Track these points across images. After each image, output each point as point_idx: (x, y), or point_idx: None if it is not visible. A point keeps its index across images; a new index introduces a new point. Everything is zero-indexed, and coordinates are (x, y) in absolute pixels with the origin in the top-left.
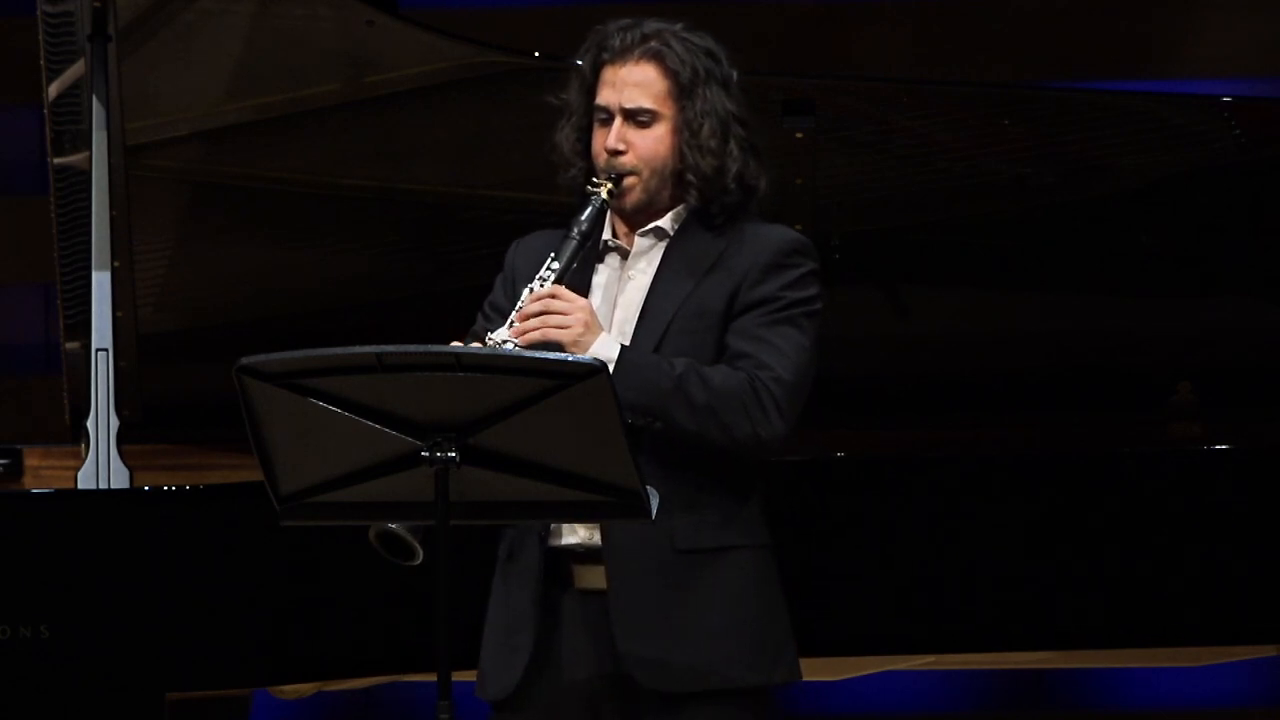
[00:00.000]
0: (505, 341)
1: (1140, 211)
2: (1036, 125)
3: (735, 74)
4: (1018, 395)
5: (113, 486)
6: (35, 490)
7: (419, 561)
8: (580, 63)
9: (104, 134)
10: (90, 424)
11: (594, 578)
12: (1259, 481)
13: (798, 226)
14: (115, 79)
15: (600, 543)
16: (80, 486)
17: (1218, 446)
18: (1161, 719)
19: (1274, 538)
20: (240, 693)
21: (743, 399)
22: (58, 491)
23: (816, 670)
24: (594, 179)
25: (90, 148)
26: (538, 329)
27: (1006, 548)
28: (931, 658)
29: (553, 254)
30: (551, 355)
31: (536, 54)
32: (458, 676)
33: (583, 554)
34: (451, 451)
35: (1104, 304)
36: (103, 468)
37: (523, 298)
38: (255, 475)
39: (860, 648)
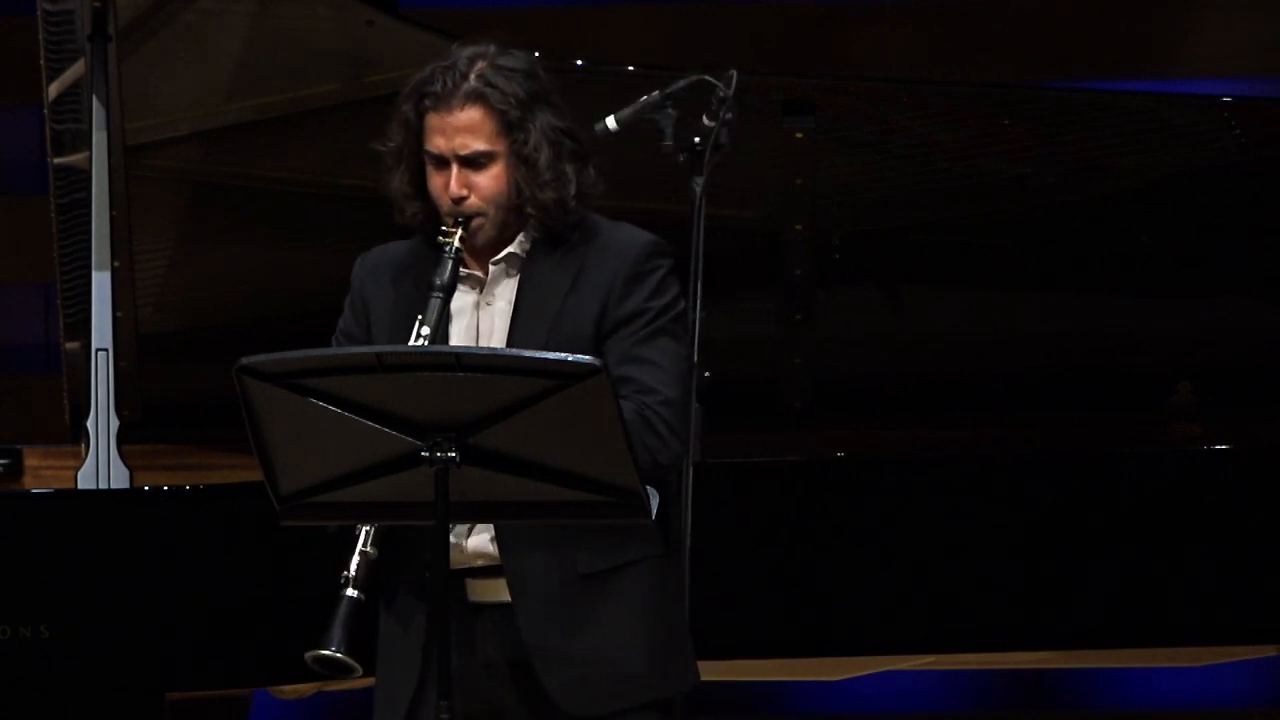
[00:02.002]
0: None
1: (1140, 211)
2: (1036, 125)
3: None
4: (1018, 395)
5: (113, 486)
6: (35, 490)
7: (359, 674)
8: (401, 108)
9: (104, 134)
10: (90, 424)
11: (494, 590)
12: (1259, 481)
13: (798, 226)
14: (115, 79)
15: (493, 555)
16: (80, 486)
17: (1218, 446)
18: (1161, 719)
19: (1274, 538)
20: (240, 693)
21: (637, 432)
22: (58, 491)
23: (816, 670)
24: (443, 229)
25: (90, 148)
26: None
27: (1007, 548)
28: (931, 658)
29: (419, 318)
30: (551, 355)
31: (536, 54)
32: None
33: (479, 570)
34: (451, 451)
35: (1104, 304)
36: (103, 468)
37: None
38: (255, 475)
39: (860, 648)
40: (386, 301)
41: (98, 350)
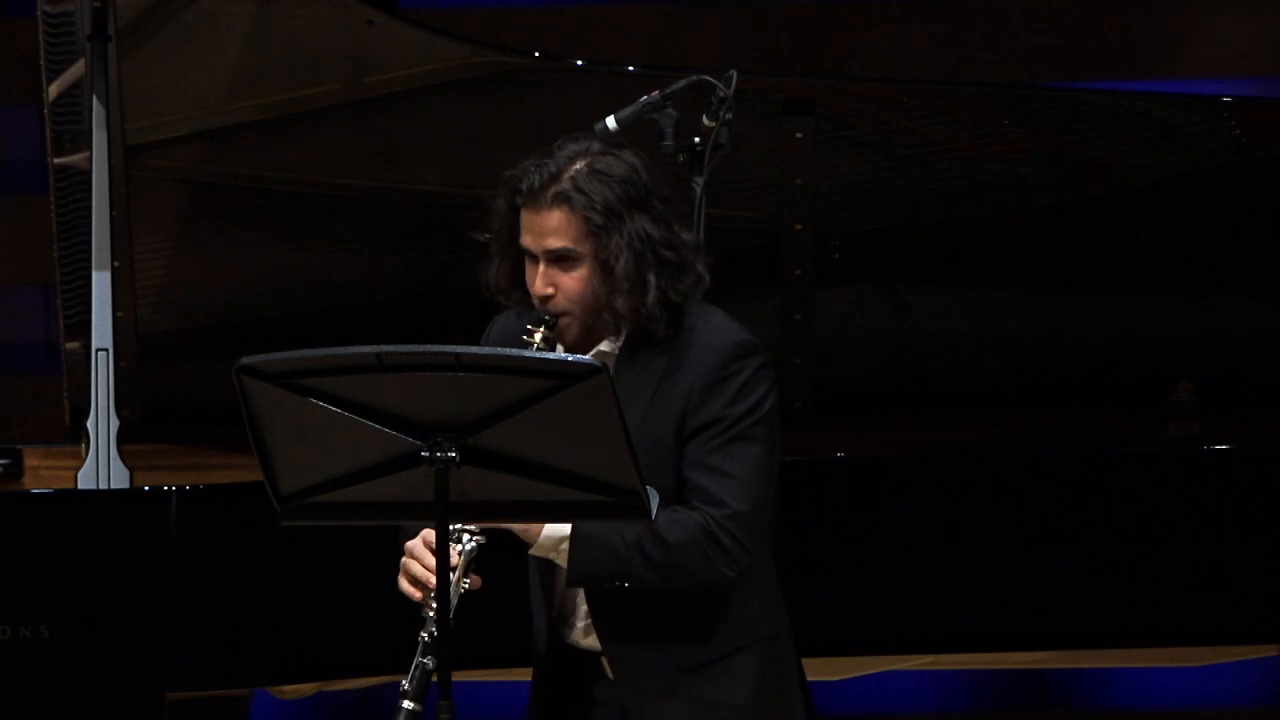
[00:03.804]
0: (462, 531)
1: (1140, 211)
2: (1036, 125)
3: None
4: (1018, 395)
5: (113, 486)
6: (35, 490)
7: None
8: (499, 201)
9: (104, 134)
10: (90, 424)
11: None
12: (1259, 481)
13: (797, 226)
14: (115, 79)
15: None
16: (80, 486)
17: (1218, 446)
18: (1161, 719)
19: (1274, 538)
20: (240, 693)
21: (702, 547)
22: (58, 491)
23: (816, 670)
24: (529, 326)
25: (90, 148)
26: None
27: (1006, 548)
28: (931, 658)
29: None
30: (552, 355)
31: (536, 54)
32: (458, 676)
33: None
34: (451, 451)
35: (1104, 304)
36: (103, 468)
37: None
38: (255, 475)
39: (860, 648)
40: None
41: (98, 350)
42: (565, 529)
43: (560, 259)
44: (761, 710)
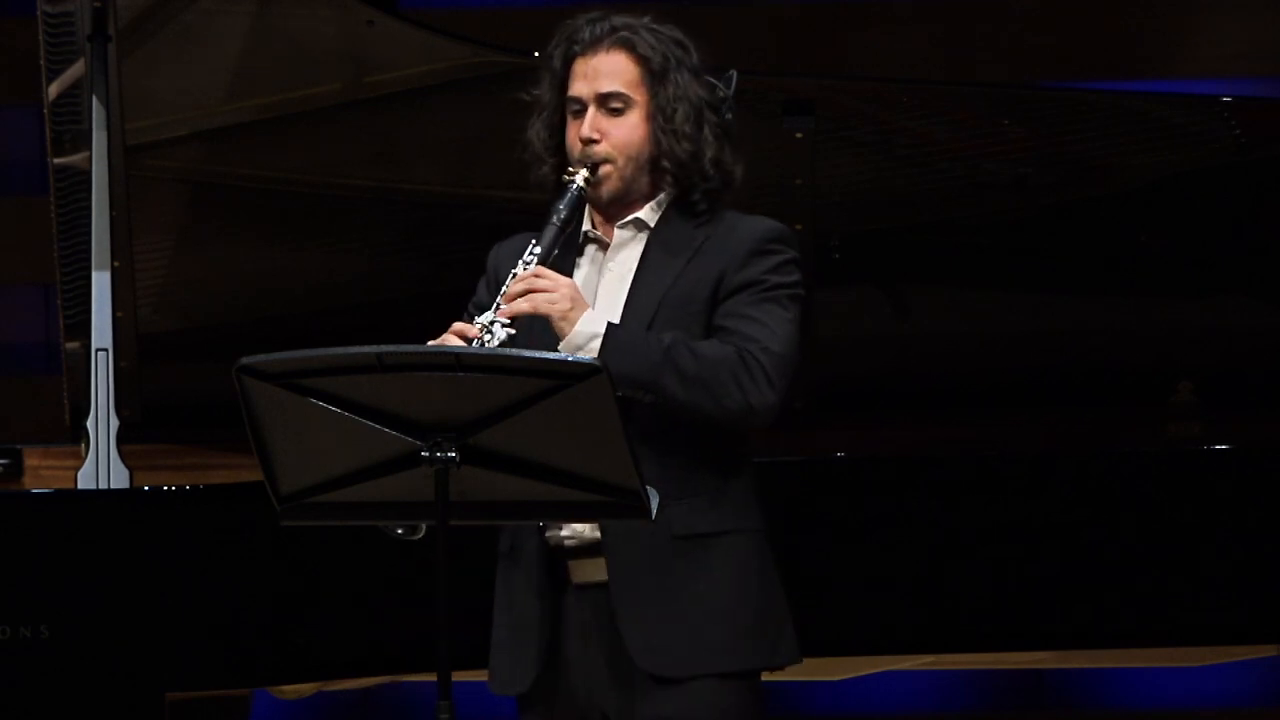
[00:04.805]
0: (493, 322)
1: (1140, 211)
2: (1036, 125)
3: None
4: (1018, 394)
5: (113, 486)
6: (35, 490)
7: (420, 535)
8: (551, 57)
9: (104, 134)
10: (90, 424)
11: (592, 570)
12: (1259, 481)
13: (798, 226)
14: (115, 79)
15: (595, 536)
16: (80, 486)
17: (1218, 446)
18: (1161, 719)
19: (1274, 538)
20: (240, 693)
21: (732, 368)
22: (58, 491)
23: (816, 670)
24: (569, 168)
25: (90, 148)
26: (525, 302)
27: (1007, 548)
28: (931, 658)
29: (534, 239)
30: (552, 355)
31: (536, 54)
32: (458, 676)
33: (578, 549)
34: (451, 451)
35: (1104, 303)
36: (103, 468)
37: (506, 282)
38: (255, 475)
39: (860, 648)
40: (515, 262)
41: (98, 350)
42: (599, 326)
43: (611, 105)
44: (746, 596)
